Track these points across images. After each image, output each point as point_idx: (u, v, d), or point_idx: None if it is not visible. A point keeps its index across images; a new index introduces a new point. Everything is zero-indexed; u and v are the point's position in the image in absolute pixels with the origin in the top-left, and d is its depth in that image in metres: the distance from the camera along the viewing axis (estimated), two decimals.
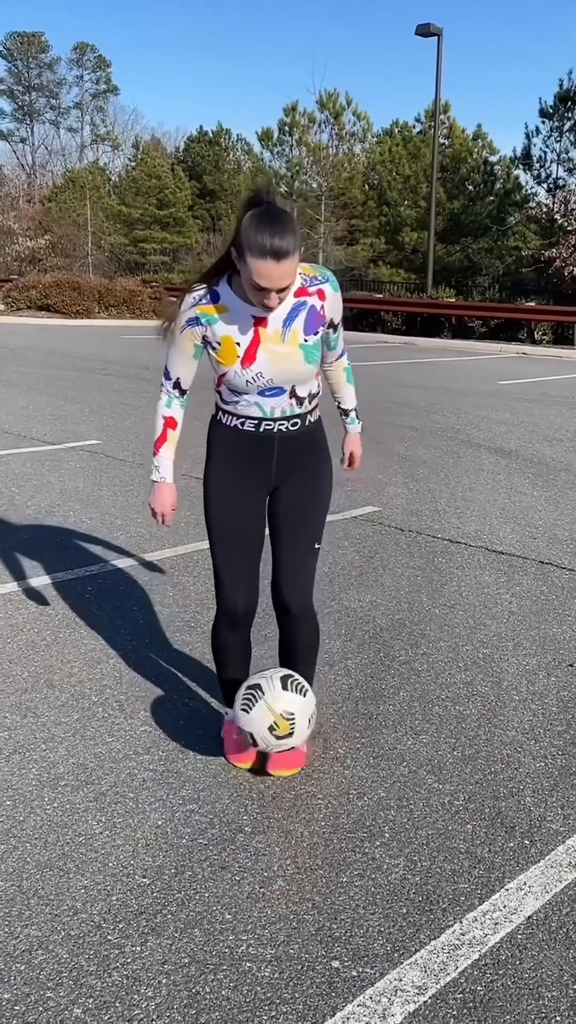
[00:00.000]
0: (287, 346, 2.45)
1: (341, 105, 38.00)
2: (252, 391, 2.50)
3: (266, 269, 2.24)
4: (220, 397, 2.61)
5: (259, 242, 2.22)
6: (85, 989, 1.89)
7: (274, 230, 2.22)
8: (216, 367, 2.51)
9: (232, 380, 2.49)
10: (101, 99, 58.49)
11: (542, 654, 3.66)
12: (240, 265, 2.31)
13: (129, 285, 26.63)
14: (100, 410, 9.34)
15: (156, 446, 2.70)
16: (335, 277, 2.55)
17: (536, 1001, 1.90)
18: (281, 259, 2.23)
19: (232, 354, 2.45)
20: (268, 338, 2.44)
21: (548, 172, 32.22)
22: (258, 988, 1.91)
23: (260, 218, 2.24)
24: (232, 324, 2.43)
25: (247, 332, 2.43)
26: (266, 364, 2.45)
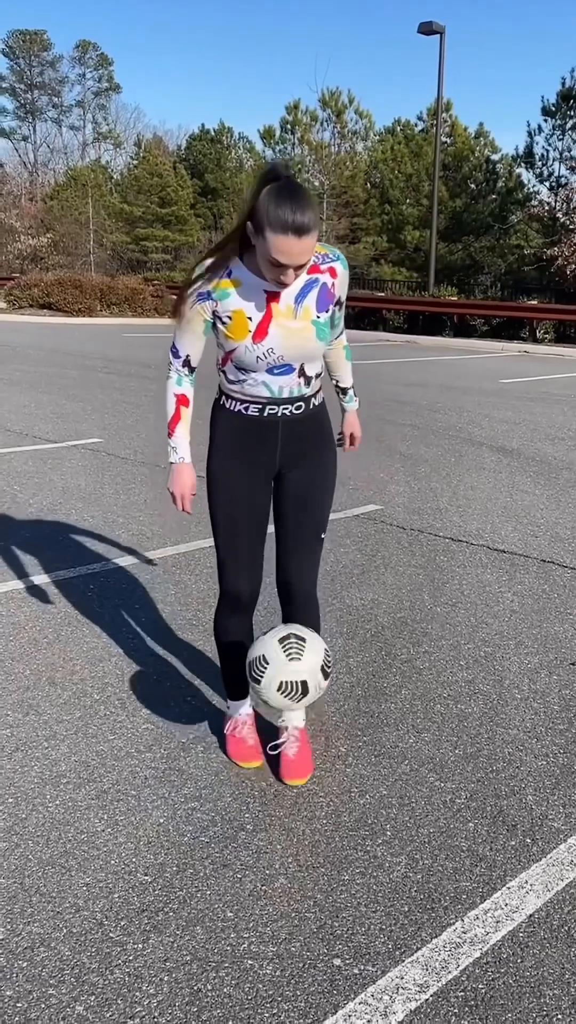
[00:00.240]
0: (299, 321, 2.43)
1: (343, 103, 38.00)
2: (261, 368, 2.47)
3: (287, 245, 2.22)
4: (225, 377, 2.57)
5: (280, 217, 2.19)
6: (87, 986, 1.89)
7: (295, 205, 2.19)
8: (225, 343, 2.47)
9: (241, 356, 2.45)
10: (103, 97, 58.52)
11: (544, 652, 3.66)
12: (257, 240, 2.27)
13: (131, 283, 26.63)
14: (102, 408, 9.34)
15: (170, 427, 2.62)
16: (344, 256, 2.54)
17: (537, 999, 1.90)
18: (302, 235, 2.21)
19: (243, 329, 2.41)
20: (280, 313, 2.41)
21: (550, 170, 32.23)
22: (260, 986, 1.91)
23: (280, 193, 2.21)
24: (244, 298, 2.40)
25: (260, 307, 2.40)
26: (278, 340, 2.43)
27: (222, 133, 48.46)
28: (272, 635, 2.47)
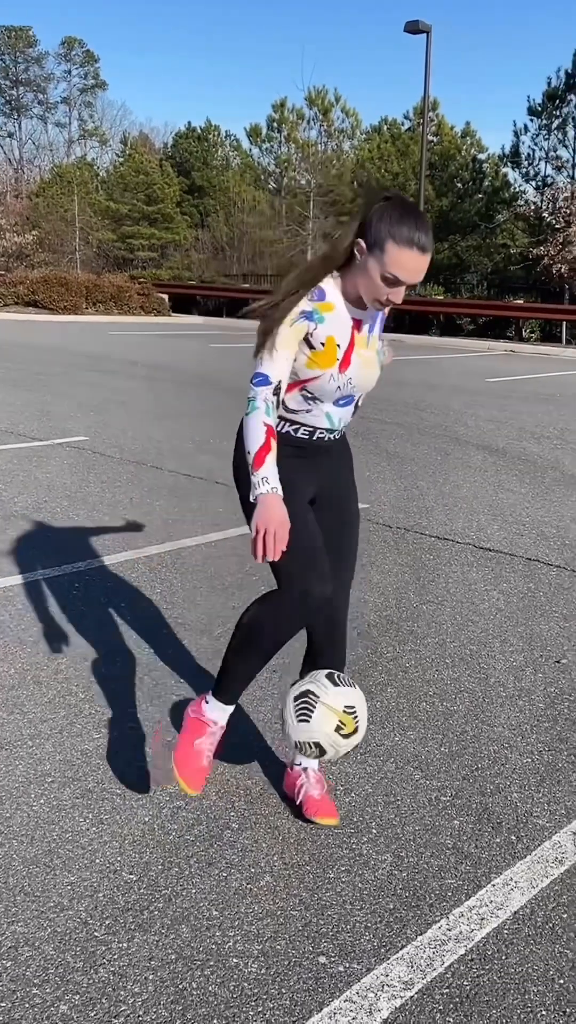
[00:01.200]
0: (370, 351, 2.37)
1: (330, 102, 38.00)
2: (331, 399, 2.37)
3: (412, 261, 2.17)
4: (284, 406, 2.38)
5: (407, 233, 2.15)
6: (71, 985, 1.88)
7: (420, 222, 2.16)
8: (305, 371, 2.31)
9: (323, 385, 2.33)
10: (89, 94, 58.28)
11: (529, 651, 3.67)
12: (369, 258, 2.19)
13: (117, 281, 26.59)
14: (88, 406, 9.32)
15: (259, 457, 2.23)
16: None
17: (522, 996, 1.90)
18: (425, 252, 2.18)
19: (332, 357, 2.30)
20: (359, 342, 2.34)
21: (536, 170, 32.31)
22: (245, 984, 1.91)
23: (405, 209, 2.17)
24: (336, 325, 2.29)
25: (346, 335, 2.31)
26: (356, 369, 2.35)
27: (209, 131, 48.40)
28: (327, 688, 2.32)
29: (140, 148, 47.34)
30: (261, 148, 40.10)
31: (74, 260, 38.99)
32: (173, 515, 5.41)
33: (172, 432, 8.09)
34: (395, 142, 36.84)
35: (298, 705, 2.31)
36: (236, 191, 42.04)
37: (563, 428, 9.15)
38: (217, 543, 4.90)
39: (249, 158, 45.13)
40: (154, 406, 9.55)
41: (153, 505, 5.62)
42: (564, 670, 3.50)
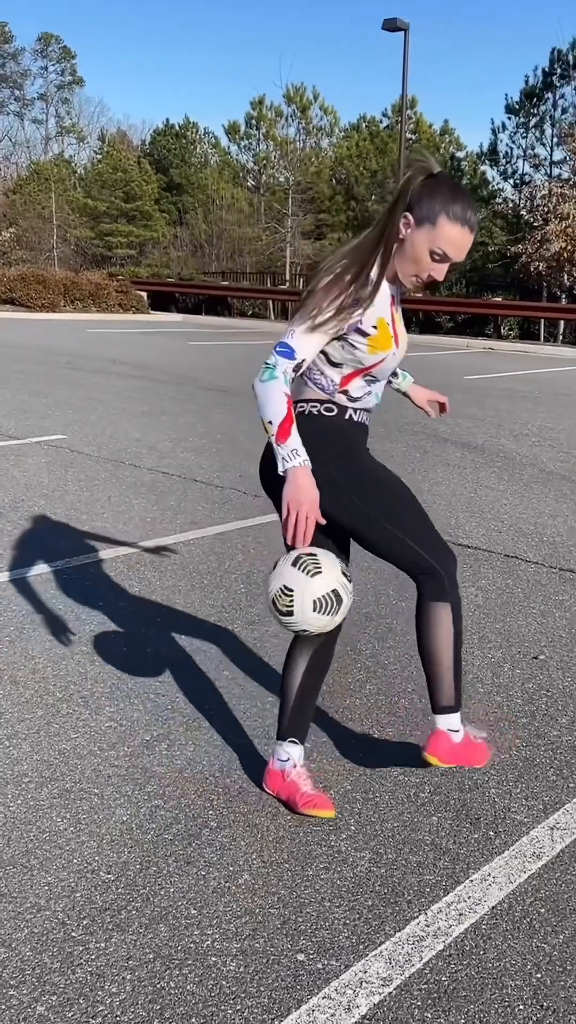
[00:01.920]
0: (402, 325, 2.40)
1: (308, 99, 38.03)
2: (385, 378, 2.40)
3: (462, 238, 2.21)
4: (347, 396, 2.35)
5: (460, 211, 2.18)
6: (48, 986, 1.87)
7: (469, 201, 2.20)
8: (369, 358, 2.28)
9: (386, 366, 2.33)
10: (66, 90, 58.01)
11: (507, 647, 3.68)
12: (417, 233, 2.21)
13: (95, 279, 26.48)
14: (65, 404, 9.27)
15: (284, 428, 2.17)
16: None
17: (499, 990, 1.91)
18: (473, 230, 2.23)
19: (389, 337, 2.29)
20: (396, 317, 2.35)
21: (514, 168, 32.50)
22: (223, 982, 1.90)
23: (455, 186, 2.21)
24: (382, 304, 2.27)
25: (389, 311, 2.30)
26: (402, 343, 2.37)
27: (187, 128, 48.28)
28: (284, 563, 2.30)
29: (118, 145, 47.14)
30: (239, 145, 40.10)
31: (52, 258, 38.79)
32: (151, 513, 5.40)
33: (150, 430, 8.06)
34: (374, 140, 36.90)
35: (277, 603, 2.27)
36: (215, 188, 41.97)
37: (541, 425, 9.19)
38: (195, 541, 4.89)
39: (227, 155, 45.07)
40: (132, 404, 9.52)
41: (131, 503, 5.60)
42: (541, 666, 3.51)
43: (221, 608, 3.97)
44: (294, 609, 2.25)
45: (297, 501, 2.18)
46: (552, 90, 31.29)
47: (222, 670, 3.37)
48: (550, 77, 31.08)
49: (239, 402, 9.96)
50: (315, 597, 2.24)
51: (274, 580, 2.30)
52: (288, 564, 2.28)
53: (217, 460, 6.92)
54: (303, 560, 2.27)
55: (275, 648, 3.58)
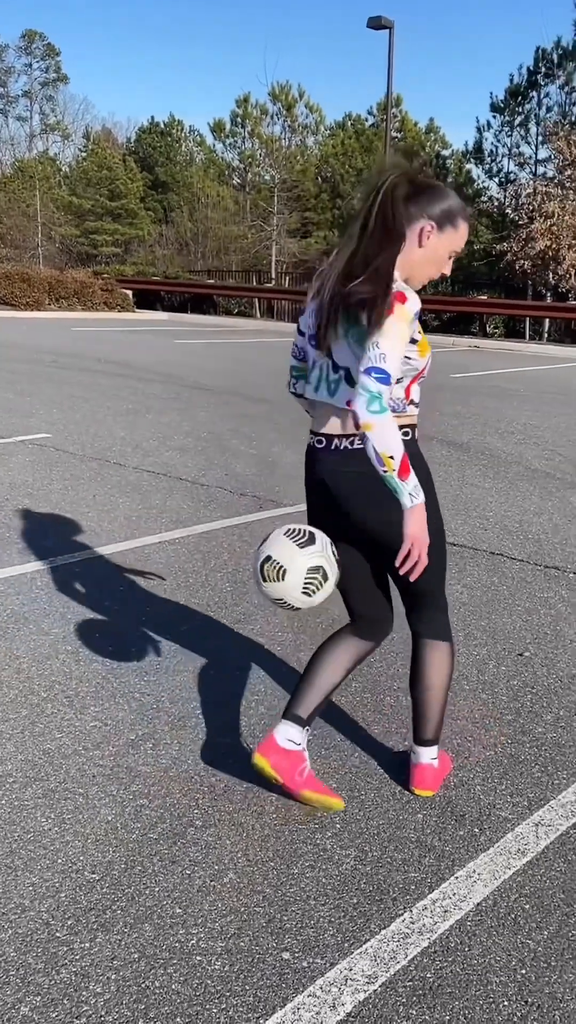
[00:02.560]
0: None
1: (293, 97, 38.01)
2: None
3: (468, 233, 2.39)
4: (414, 403, 2.39)
5: (466, 209, 2.34)
6: (33, 987, 1.87)
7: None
8: (420, 360, 2.33)
9: (428, 371, 2.40)
10: (50, 88, 57.64)
11: (492, 644, 3.69)
12: (438, 239, 2.32)
13: (80, 277, 26.37)
14: (50, 403, 9.24)
15: (406, 463, 2.17)
16: None
17: (484, 987, 1.92)
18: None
19: (425, 341, 2.35)
20: None
21: (499, 166, 32.59)
22: (208, 981, 1.90)
23: (452, 187, 2.38)
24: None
25: None
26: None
27: (172, 126, 48.19)
28: (276, 533, 2.33)
29: (103, 143, 47.01)
30: (225, 143, 40.04)
31: (36, 256, 38.66)
32: (136, 512, 5.38)
33: (135, 429, 8.04)
34: (359, 138, 36.93)
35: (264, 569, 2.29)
36: (200, 186, 41.92)
37: (526, 423, 9.22)
38: (181, 540, 4.89)
39: (213, 153, 45.02)
40: (117, 403, 9.49)
41: (116, 502, 5.59)
42: (526, 663, 3.52)
43: (207, 607, 3.97)
44: (269, 535, 2.33)
45: (422, 539, 2.23)
46: (537, 89, 31.40)
47: (208, 669, 3.37)
48: (535, 76, 31.18)
49: (224, 401, 9.94)
50: (307, 565, 2.27)
51: (264, 549, 2.33)
52: (280, 534, 2.32)
53: (202, 459, 6.91)
54: (295, 532, 2.32)
55: (262, 647, 3.58)
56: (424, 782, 2.59)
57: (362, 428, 2.13)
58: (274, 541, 2.32)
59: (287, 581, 2.28)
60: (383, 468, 2.15)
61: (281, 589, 2.29)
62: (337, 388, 2.35)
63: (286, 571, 2.27)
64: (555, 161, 28.14)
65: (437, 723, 2.61)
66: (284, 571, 2.27)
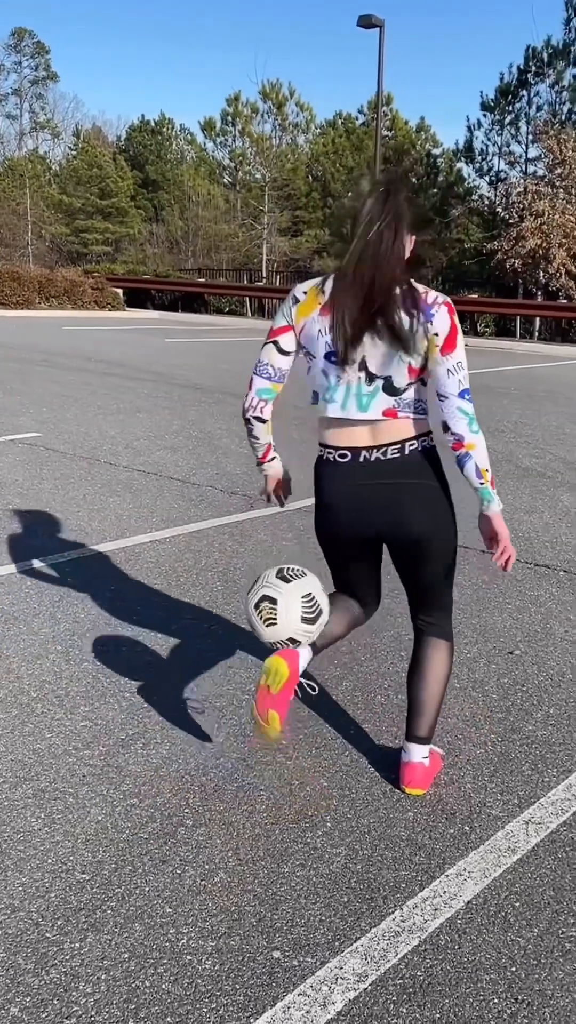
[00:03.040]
0: None
1: (284, 95, 37.95)
2: None
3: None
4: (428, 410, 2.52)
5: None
6: (22, 988, 1.86)
7: None
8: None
9: None
10: (40, 86, 57.46)
11: (483, 642, 3.70)
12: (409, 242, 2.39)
13: (70, 276, 26.34)
14: (40, 402, 9.21)
15: (493, 476, 2.55)
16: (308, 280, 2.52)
17: (474, 984, 1.92)
18: None
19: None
20: None
21: (490, 165, 32.59)
22: (199, 980, 1.90)
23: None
24: None
25: None
26: None
27: (162, 124, 48.10)
28: (266, 576, 2.43)
29: (93, 141, 46.88)
30: (215, 142, 39.97)
31: (26, 254, 38.56)
32: (127, 511, 5.38)
33: (126, 428, 8.03)
34: (349, 137, 36.92)
35: (260, 612, 2.38)
36: (190, 185, 41.85)
37: (517, 421, 9.24)
38: (171, 539, 4.88)
39: (203, 152, 44.96)
40: (108, 402, 9.48)
41: (107, 501, 5.58)
42: (516, 661, 3.53)
43: (197, 606, 3.96)
44: (321, 607, 2.40)
45: (507, 535, 2.55)
46: (527, 88, 31.39)
47: (198, 668, 3.37)
48: (525, 75, 31.17)
49: (215, 400, 9.93)
50: (301, 594, 2.37)
51: (255, 593, 2.40)
52: (284, 584, 2.38)
53: (193, 458, 6.91)
54: (285, 571, 2.41)
55: (252, 646, 3.58)
56: (415, 780, 2.60)
57: (466, 448, 2.40)
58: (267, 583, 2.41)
59: (267, 632, 2.39)
60: (480, 481, 2.45)
61: (260, 631, 2.40)
62: (371, 401, 2.38)
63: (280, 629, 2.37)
64: (545, 160, 28.17)
65: (432, 721, 2.63)
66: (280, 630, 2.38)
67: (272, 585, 2.39)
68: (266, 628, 2.37)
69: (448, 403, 2.36)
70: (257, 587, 2.42)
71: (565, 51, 30.39)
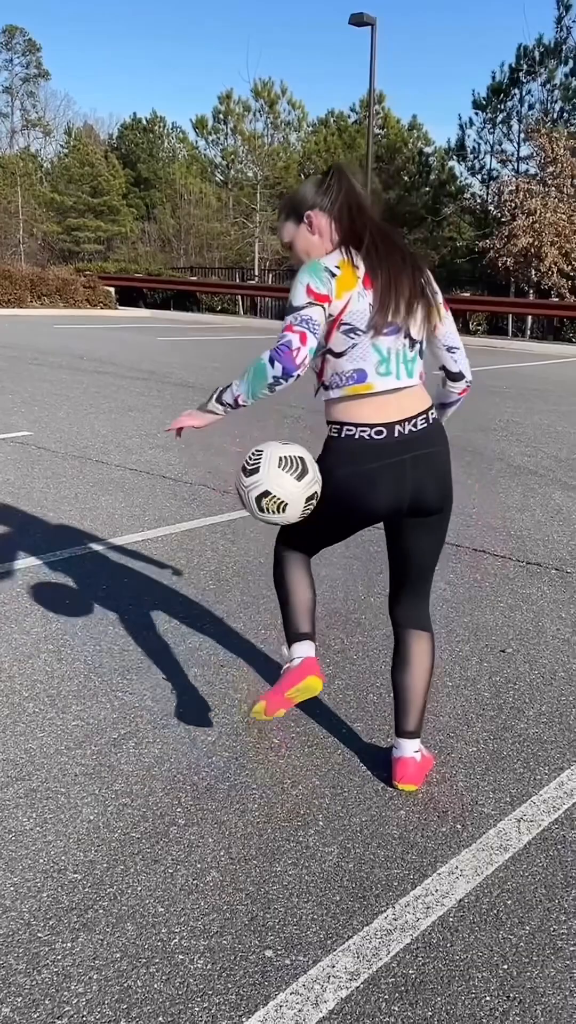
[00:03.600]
0: None
1: (276, 94, 37.85)
2: None
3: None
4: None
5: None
6: (14, 988, 1.86)
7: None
8: None
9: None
10: (31, 84, 57.28)
11: (475, 640, 3.70)
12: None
13: (62, 274, 26.28)
14: (32, 401, 9.19)
15: None
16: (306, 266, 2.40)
17: (466, 982, 1.92)
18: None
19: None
20: None
21: (482, 163, 32.61)
22: (191, 980, 1.90)
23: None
24: None
25: None
26: None
27: (154, 122, 48.04)
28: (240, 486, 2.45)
29: (85, 139, 46.78)
30: (207, 140, 39.85)
31: (18, 253, 38.47)
32: (119, 510, 5.37)
33: (118, 426, 8.02)
34: (342, 135, 36.90)
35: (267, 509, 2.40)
36: (182, 183, 41.81)
37: (509, 420, 9.25)
38: (163, 538, 4.87)
39: (195, 150, 44.87)
40: (100, 400, 9.46)
41: (99, 500, 5.57)
42: (508, 659, 3.53)
43: (190, 605, 3.96)
44: (260, 466, 2.38)
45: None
46: (519, 86, 31.42)
47: (190, 667, 3.36)
48: (516, 73, 31.20)
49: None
50: (281, 455, 2.39)
51: (260, 483, 2.40)
52: (275, 467, 2.39)
53: (185, 456, 6.90)
54: (289, 463, 2.41)
55: (246, 645, 3.58)
56: (407, 776, 2.60)
57: (467, 391, 2.71)
58: (270, 475, 2.38)
59: (287, 513, 2.40)
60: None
61: (280, 519, 2.42)
62: (413, 367, 2.49)
63: (287, 505, 2.38)
64: (537, 158, 28.18)
65: (420, 713, 2.65)
66: (285, 505, 2.38)
67: (252, 486, 2.39)
68: (285, 513, 2.40)
69: (459, 353, 2.62)
70: (246, 499, 2.42)
71: (556, 50, 30.43)
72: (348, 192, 2.42)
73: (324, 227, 2.41)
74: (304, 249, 2.46)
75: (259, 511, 2.41)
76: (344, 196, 2.41)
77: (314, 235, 2.43)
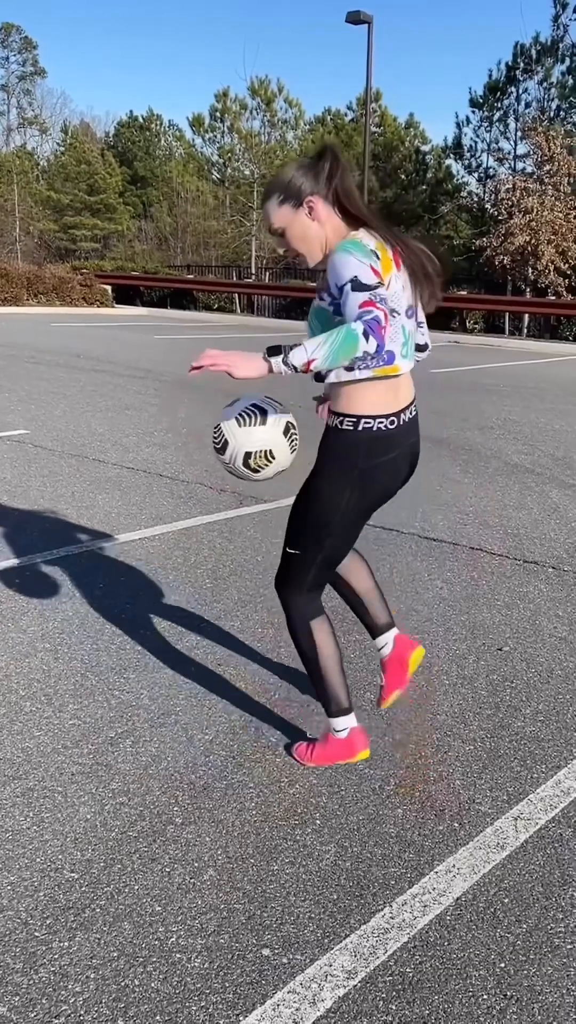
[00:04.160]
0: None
1: (273, 92, 37.83)
2: None
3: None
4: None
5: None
6: (11, 987, 1.85)
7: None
8: None
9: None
10: (28, 81, 57.23)
11: (472, 639, 3.70)
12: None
13: (59, 272, 26.24)
14: (28, 399, 9.18)
15: None
16: (348, 244, 2.28)
17: (464, 981, 1.92)
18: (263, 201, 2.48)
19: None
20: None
21: (479, 161, 32.63)
22: (188, 979, 1.90)
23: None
24: None
25: None
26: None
27: (151, 120, 48.00)
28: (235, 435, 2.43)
29: (81, 137, 46.75)
30: (204, 138, 39.84)
31: (14, 251, 38.42)
32: (116, 509, 5.36)
33: (115, 425, 8.01)
34: (338, 133, 36.88)
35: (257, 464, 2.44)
36: (179, 181, 41.78)
37: (506, 418, 9.25)
38: (160, 536, 4.87)
39: (192, 148, 44.82)
40: (97, 399, 9.45)
41: (96, 499, 5.57)
42: (505, 657, 3.54)
43: (187, 603, 3.96)
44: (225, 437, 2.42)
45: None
46: (515, 84, 31.45)
47: (187, 666, 3.36)
48: (513, 71, 31.22)
49: (205, 397, 9.91)
50: (235, 416, 2.42)
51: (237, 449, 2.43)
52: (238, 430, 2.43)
53: (182, 455, 6.89)
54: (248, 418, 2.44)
55: (243, 643, 3.58)
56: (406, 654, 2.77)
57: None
58: (238, 439, 2.42)
59: (279, 457, 2.45)
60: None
61: (278, 464, 2.46)
62: (414, 345, 2.55)
63: (271, 450, 2.42)
64: (534, 156, 28.21)
65: (385, 603, 2.84)
66: (270, 452, 2.42)
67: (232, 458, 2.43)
68: (277, 458, 2.44)
69: (424, 327, 2.65)
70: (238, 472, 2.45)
71: (553, 48, 30.45)
72: (344, 175, 2.39)
73: (324, 213, 2.39)
74: (301, 235, 2.38)
75: (255, 473, 2.44)
76: (341, 179, 2.37)
77: (314, 221, 2.39)
